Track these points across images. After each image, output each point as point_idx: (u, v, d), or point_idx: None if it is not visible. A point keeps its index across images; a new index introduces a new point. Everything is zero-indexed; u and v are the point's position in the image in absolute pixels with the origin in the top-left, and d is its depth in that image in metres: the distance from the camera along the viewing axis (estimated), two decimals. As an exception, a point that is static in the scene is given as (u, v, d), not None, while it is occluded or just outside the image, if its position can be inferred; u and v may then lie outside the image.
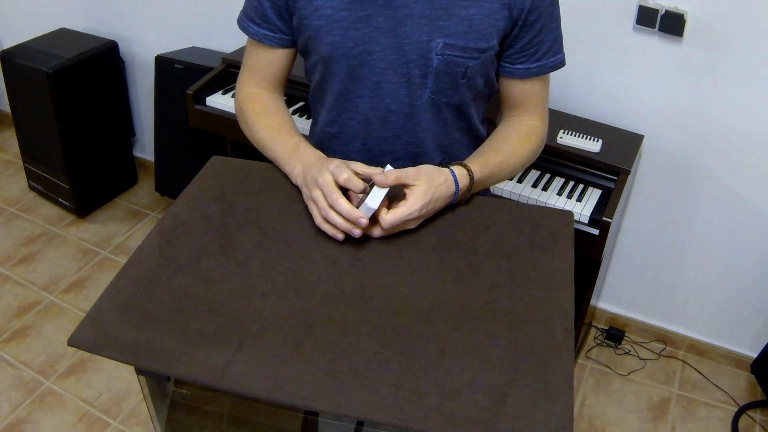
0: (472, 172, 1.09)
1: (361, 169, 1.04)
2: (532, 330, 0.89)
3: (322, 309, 0.91)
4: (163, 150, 2.69)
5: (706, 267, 2.15)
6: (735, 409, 2.14)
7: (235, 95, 1.29)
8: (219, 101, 2.19)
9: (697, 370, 2.28)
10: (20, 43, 2.61)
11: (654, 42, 1.86)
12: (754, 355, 2.20)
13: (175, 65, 2.44)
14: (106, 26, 2.74)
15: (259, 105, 1.23)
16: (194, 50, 2.56)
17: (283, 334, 0.87)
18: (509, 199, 1.75)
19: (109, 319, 0.88)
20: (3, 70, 2.62)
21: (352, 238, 1.01)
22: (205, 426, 1.07)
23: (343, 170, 1.01)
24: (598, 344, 2.36)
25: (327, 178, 1.02)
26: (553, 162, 1.92)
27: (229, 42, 2.49)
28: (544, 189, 1.87)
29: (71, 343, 0.85)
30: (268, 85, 1.25)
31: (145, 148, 3.06)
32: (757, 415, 2.13)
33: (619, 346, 2.35)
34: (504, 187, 1.87)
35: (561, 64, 1.18)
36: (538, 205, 1.14)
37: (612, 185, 1.86)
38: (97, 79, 2.64)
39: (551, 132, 1.63)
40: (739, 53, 1.78)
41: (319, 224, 1.03)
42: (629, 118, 2.00)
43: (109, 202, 2.91)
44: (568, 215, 1.10)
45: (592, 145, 1.88)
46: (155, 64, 2.50)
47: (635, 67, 1.92)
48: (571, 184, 1.89)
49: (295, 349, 0.85)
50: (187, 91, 2.19)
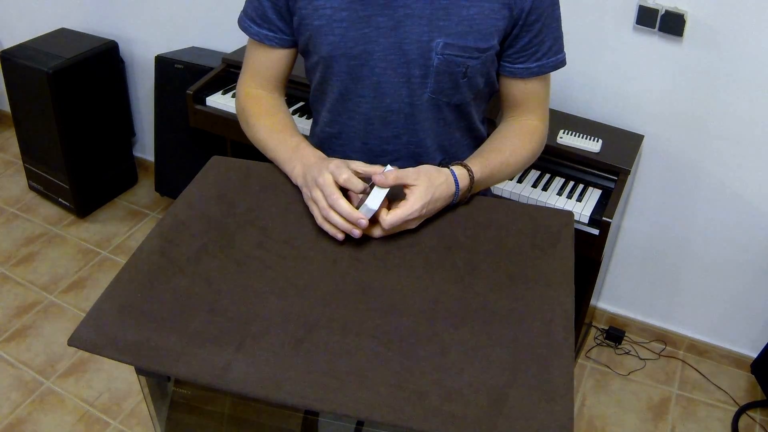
0: (472, 172, 1.09)
1: (361, 168, 1.03)
2: (532, 330, 0.89)
3: (322, 309, 0.91)
4: (163, 150, 2.69)
5: (706, 267, 2.15)
6: (735, 409, 2.14)
7: (236, 95, 1.29)
8: (219, 101, 2.19)
9: (697, 370, 2.28)
10: (20, 43, 2.62)
11: (654, 42, 1.86)
12: (754, 355, 2.20)
13: (175, 65, 2.44)
14: (105, 26, 2.74)
15: (259, 105, 1.23)
16: (194, 50, 2.56)
17: (283, 334, 0.87)
18: (509, 199, 1.75)
19: (109, 319, 0.88)
20: (3, 70, 2.63)
21: (352, 238, 1.01)
22: (205, 426, 1.07)
23: (343, 170, 1.01)
24: (598, 344, 2.36)
25: (327, 178, 1.02)
26: (553, 162, 1.92)
27: (229, 42, 2.49)
28: (544, 189, 1.87)
29: (71, 343, 0.85)
30: (269, 86, 1.25)
31: (145, 148, 3.06)
32: (757, 415, 2.13)
33: (619, 346, 2.35)
34: (504, 187, 1.87)
35: (561, 63, 1.18)
36: (538, 205, 1.14)
37: (612, 185, 1.86)
38: (97, 79, 2.64)
39: (551, 132, 1.63)
40: (739, 53, 1.78)
41: (320, 224, 1.03)
42: (629, 118, 2.00)
43: (109, 202, 2.91)
44: (568, 215, 1.10)
45: (592, 145, 1.88)
46: (155, 64, 2.50)
47: (635, 67, 1.92)
48: (571, 184, 1.89)
49: (295, 349, 0.85)
50: (187, 91, 2.19)
